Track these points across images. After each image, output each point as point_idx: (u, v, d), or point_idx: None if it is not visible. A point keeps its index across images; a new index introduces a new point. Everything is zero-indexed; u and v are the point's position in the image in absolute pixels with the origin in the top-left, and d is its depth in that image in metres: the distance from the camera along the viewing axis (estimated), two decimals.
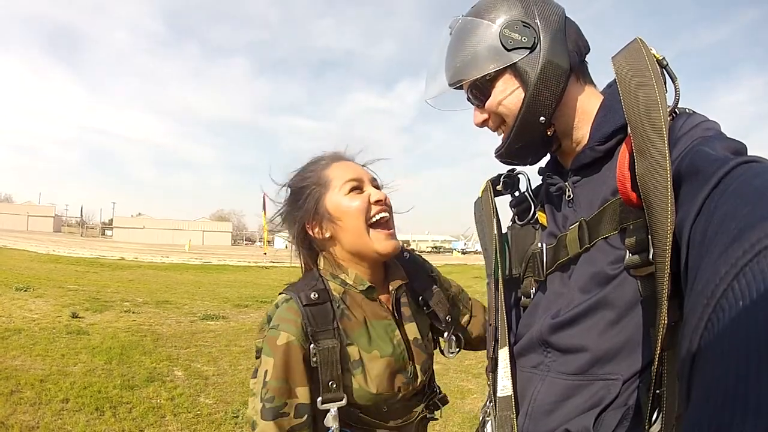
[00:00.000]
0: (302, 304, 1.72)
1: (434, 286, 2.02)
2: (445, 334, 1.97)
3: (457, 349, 2.02)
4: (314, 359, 1.67)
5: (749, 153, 1.02)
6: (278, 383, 1.64)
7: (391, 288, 1.88)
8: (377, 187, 1.87)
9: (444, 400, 2.00)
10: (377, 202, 1.80)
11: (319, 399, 1.68)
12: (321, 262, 1.88)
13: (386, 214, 1.83)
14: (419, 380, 1.85)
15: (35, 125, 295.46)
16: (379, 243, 1.79)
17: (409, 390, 1.82)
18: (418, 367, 1.85)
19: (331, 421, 1.67)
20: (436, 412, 1.98)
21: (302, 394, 1.66)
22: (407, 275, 1.96)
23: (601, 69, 1.40)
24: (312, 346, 1.68)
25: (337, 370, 1.68)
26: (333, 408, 1.68)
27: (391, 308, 1.87)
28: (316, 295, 1.75)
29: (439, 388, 2.03)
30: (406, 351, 1.83)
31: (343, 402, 1.68)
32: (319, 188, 1.83)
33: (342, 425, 1.71)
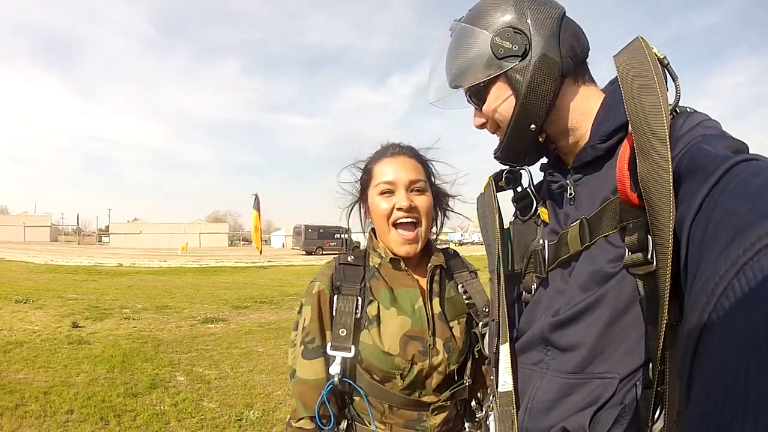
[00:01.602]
0: (339, 262, 2.04)
1: (475, 280, 2.13)
2: (480, 325, 1.96)
3: None
4: (334, 307, 1.92)
5: (750, 148, 1.03)
6: (314, 325, 1.91)
7: (429, 265, 2.04)
8: (419, 189, 2.01)
9: (482, 404, 2.02)
10: (400, 208, 1.95)
11: (329, 344, 1.88)
12: (366, 240, 2.17)
13: (408, 220, 1.97)
14: (440, 357, 1.90)
15: (27, 135, 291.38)
16: (396, 245, 1.99)
17: (426, 365, 1.87)
18: (439, 342, 1.92)
19: (334, 367, 1.85)
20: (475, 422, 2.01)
21: (329, 337, 1.90)
22: (448, 265, 2.13)
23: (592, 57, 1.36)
24: (336, 297, 1.94)
25: (350, 320, 1.88)
26: (339, 356, 1.85)
27: (426, 283, 2.02)
28: (353, 258, 2.06)
29: (479, 400, 2.08)
30: (427, 321, 1.93)
31: (350, 354, 1.85)
32: (366, 180, 2.09)
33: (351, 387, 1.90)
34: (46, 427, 5.42)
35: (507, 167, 1.63)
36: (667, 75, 1.15)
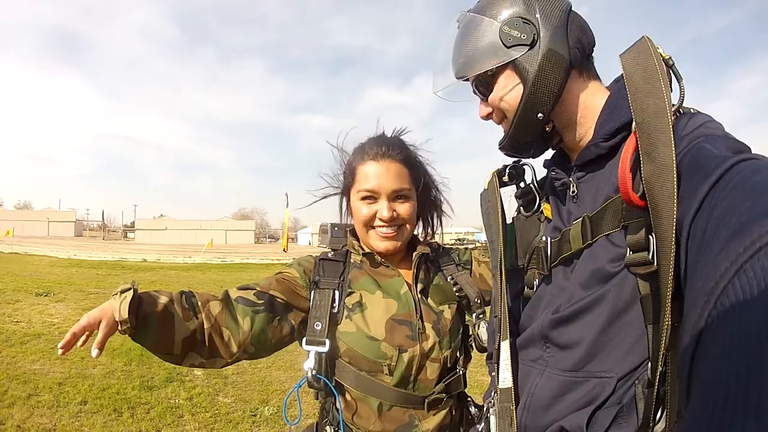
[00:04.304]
0: (318, 258, 2.04)
1: (464, 272, 2.13)
2: (474, 316, 1.99)
3: None
4: (311, 301, 1.90)
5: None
6: (265, 281, 1.94)
7: (415, 254, 2.03)
8: (403, 198, 1.97)
9: (482, 410, 1.92)
10: (381, 219, 1.93)
11: (304, 339, 1.86)
12: (348, 238, 2.13)
13: (388, 231, 1.96)
14: (430, 341, 1.86)
15: (53, 133, 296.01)
16: (374, 243, 1.99)
17: (417, 351, 1.83)
18: (427, 326, 1.89)
19: (308, 362, 1.82)
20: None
21: (273, 291, 1.88)
22: (435, 257, 2.14)
23: (608, 57, 1.40)
24: (313, 291, 1.92)
25: (326, 314, 1.85)
26: (313, 350, 1.82)
27: (412, 270, 2.01)
28: (333, 254, 2.07)
29: (474, 401, 2.04)
30: (413, 304, 1.92)
31: (324, 348, 1.81)
32: (349, 179, 2.03)
33: (336, 385, 1.85)
34: (58, 416, 5.40)
35: (511, 162, 1.66)
36: (672, 76, 1.16)
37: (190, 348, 1.71)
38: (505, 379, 1.43)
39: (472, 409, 2.00)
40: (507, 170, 1.65)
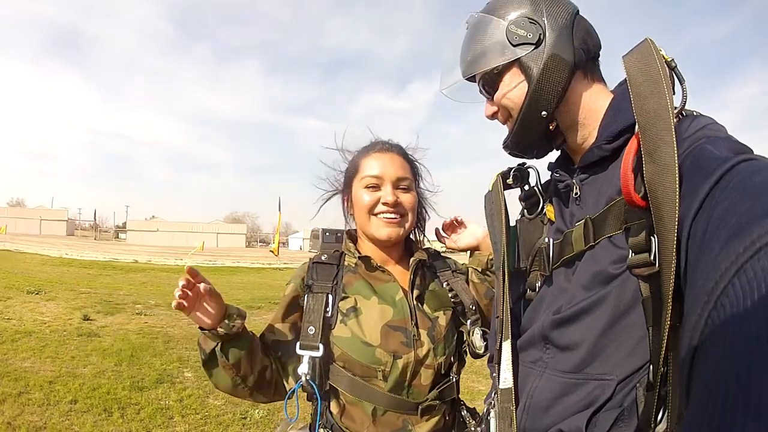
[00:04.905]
0: (312, 262, 2.05)
1: (461, 278, 2.14)
2: (469, 322, 1.99)
3: (485, 343, 1.95)
4: (304, 306, 1.93)
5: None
6: (270, 322, 2.01)
7: (411, 259, 2.05)
8: (405, 188, 2.03)
9: (474, 413, 2.00)
10: (385, 203, 1.96)
11: (298, 344, 1.86)
12: (344, 241, 2.14)
13: (391, 216, 1.98)
14: (425, 348, 1.87)
15: (47, 130, 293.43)
16: (377, 229, 1.99)
17: (412, 357, 1.84)
18: (422, 333, 1.90)
19: (302, 366, 1.83)
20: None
21: (277, 332, 1.97)
22: (432, 263, 2.15)
23: (609, 58, 1.43)
24: (307, 295, 1.94)
25: (320, 318, 1.87)
26: (307, 355, 1.83)
27: (409, 276, 2.02)
28: (327, 257, 2.06)
29: (466, 404, 2.05)
30: (409, 311, 1.92)
31: (318, 353, 1.82)
32: (352, 172, 2.08)
33: (330, 389, 1.88)
34: (48, 415, 5.40)
35: (515, 165, 1.66)
36: (675, 78, 1.16)
37: (258, 388, 1.92)
38: (506, 380, 1.44)
39: (464, 413, 2.00)
40: (511, 172, 1.66)
